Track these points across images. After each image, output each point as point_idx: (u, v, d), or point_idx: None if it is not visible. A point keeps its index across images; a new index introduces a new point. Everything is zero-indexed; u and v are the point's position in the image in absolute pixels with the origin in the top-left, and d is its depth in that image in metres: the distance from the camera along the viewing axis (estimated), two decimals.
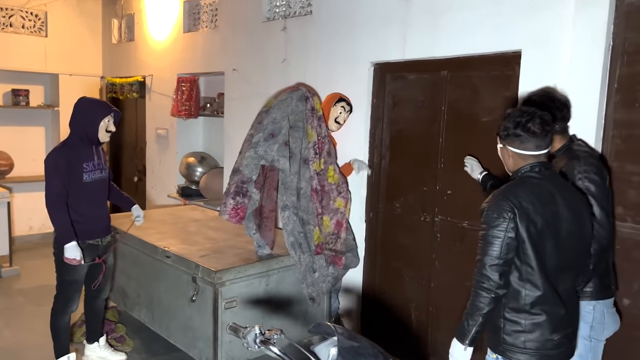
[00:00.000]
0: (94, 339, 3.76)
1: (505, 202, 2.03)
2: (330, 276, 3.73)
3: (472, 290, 2.11)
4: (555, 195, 2.10)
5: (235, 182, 3.55)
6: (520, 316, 2.08)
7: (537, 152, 2.12)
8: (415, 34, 3.59)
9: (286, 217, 3.55)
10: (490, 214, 2.06)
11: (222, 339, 3.32)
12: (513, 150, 2.15)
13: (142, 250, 3.96)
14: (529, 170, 2.12)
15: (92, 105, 3.42)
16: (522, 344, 2.08)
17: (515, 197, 2.04)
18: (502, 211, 2.03)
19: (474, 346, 2.13)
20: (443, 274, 3.69)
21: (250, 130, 3.74)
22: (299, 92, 3.70)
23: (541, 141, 2.11)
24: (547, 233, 2.05)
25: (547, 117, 2.13)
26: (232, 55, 5.19)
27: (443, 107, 3.61)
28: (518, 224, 2.01)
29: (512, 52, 3.12)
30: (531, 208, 2.03)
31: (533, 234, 2.03)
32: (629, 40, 2.69)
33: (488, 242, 2.05)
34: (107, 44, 7.34)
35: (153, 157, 6.66)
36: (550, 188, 2.10)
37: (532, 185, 2.09)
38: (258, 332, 1.73)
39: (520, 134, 2.10)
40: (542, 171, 2.12)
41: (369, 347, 1.63)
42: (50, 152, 3.35)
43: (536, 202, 2.05)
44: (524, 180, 2.12)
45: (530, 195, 2.06)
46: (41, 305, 4.70)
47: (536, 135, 2.09)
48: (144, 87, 6.64)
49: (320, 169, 3.72)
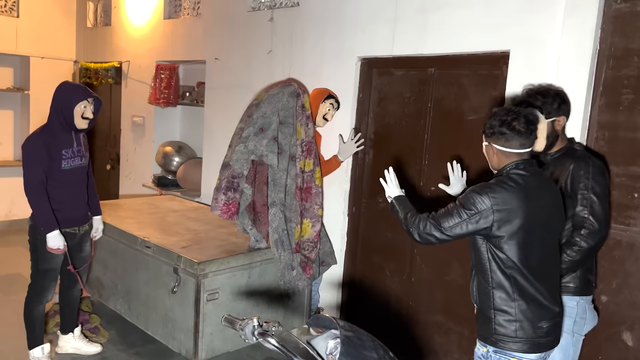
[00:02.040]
0: (69, 330, 3.67)
1: (487, 199, 2.11)
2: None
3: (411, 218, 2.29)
4: (540, 190, 2.19)
5: (226, 177, 3.51)
6: (509, 305, 2.15)
7: (521, 150, 2.19)
8: (405, 31, 3.60)
9: (272, 213, 3.53)
10: (470, 197, 2.14)
11: (204, 331, 3.29)
12: (498, 148, 2.22)
13: (120, 240, 3.87)
14: (514, 167, 2.19)
15: (69, 89, 3.30)
16: (513, 333, 2.15)
17: (500, 195, 2.11)
18: (480, 203, 2.11)
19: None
20: (424, 268, 3.73)
21: (239, 123, 3.70)
22: (291, 87, 3.67)
23: (525, 140, 2.17)
24: (531, 227, 2.12)
25: (531, 116, 2.20)
26: (215, 45, 5.11)
27: (429, 104, 3.64)
28: (493, 222, 2.10)
29: (501, 52, 3.17)
30: (516, 204, 2.10)
31: (515, 229, 2.10)
32: (615, 45, 2.77)
33: (449, 213, 2.17)
34: (82, 27, 7.12)
35: (128, 145, 6.51)
36: (534, 184, 2.18)
37: (518, 182, 2.15)
38: (256, 324, 1.72)
39: (505, 132, 2.17)
40: (526, 168, 2.19)
41: (369, 340, 1.64)
42: (29, 137, 3.23)
43: (522, 198, 2.12)
44: (509, 178, 2.17)
45: (517, 192, 2.12)
46: (9, 294, 4.56)
47: (521, 133, 2.16)
48: (120, 73, 6.48)
49: (310, 169, 3.71)
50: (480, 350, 2.27)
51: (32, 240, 3.32)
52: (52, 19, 6.97)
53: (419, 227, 2.23)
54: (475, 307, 2.35)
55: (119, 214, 4.32)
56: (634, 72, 2.73)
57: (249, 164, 3.51)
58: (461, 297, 3.51)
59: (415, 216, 2.28)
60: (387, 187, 2.60)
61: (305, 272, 3.80)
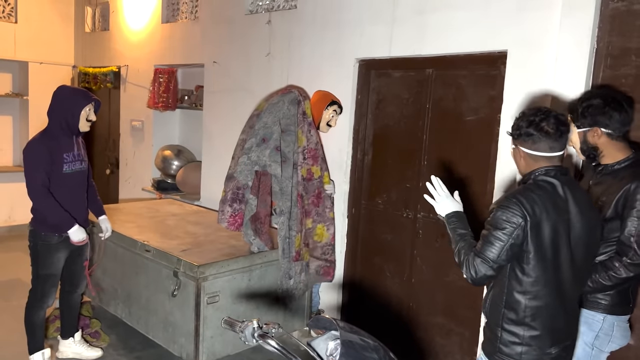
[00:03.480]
0: (69, 335, 3.66)
1: (518, 208, 1.92)
2: (302, 283, 3.73)
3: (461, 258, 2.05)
4: (569, 203, 1.99)
5: (231, 189, 3.53)
6: (518, 328, 2.02)
7: (550, 153, 2.00)
8: (402, 32, 3.61)
9: (281, 222, 3.54)
10: (500, 215, 1.95)
11: (204, 334, 3.28)
12: (525, 150, 2.04)
13: (119, 244, 3.87)
14: (544, 174, 2.01)
15: (72, 93, 3.32)
16: (518, 356, 2.03)
17: (529, 203, 1.93)
18: (513, 216, 1.92)
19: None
20: (424, 270, 3.73)
21: (241, 135, 3.71)
22: (291, 95, 3.68)
23: (555, 142, 1.99)
24: (558, 243, 1.96)
25: (562, 117, 2.02)
26: (213, 48, 5.11)
27: (427, 105, 3.65)
28: (528, 233, 1.92)
29: (498, 52, 3.17)
30: (544, 216, 1.93)
31: (542, 244, 1.94)
32: (612, 44, 2.77)
33: (489, 241, 1.96)
34: (80, 32, 7.13)
35: (127, 149, 6.51)
36: (565, 195, 1.99)
37: (547, 191, 1.97)
38: (256, 326, 1.71)
39: (533, 133, 2.00)
40: (557, 176, 2.01)
41: (370, 340, 1.63)
42: (30, 142, 3.24)
43: (550, 209, 1.94)
44: (539, 186, 1.99)
45: (545, 202, 1.95)
46: (9, 300, 4.55)
47: (549, 135, 1.98)
48: (118, 77, 6.49)
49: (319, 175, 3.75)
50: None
51: (33, 246, 3.31)
52: (51, 25, 6.98)
53: (470, 272, 1.99)
54: (485, 321, 2.22)
55: (119, 218, 4.31)
56: (632, 71, 2.73)
57: (253, 175, 3.53)
58: (462, 298, 3.51)
59: (467, 254, 2.02)
60: (435, 202, 2.23)
61: (329, 276, 3.87)
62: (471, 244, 2.06)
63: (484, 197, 3.31)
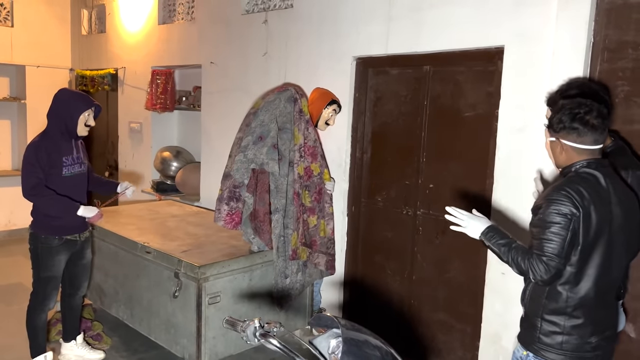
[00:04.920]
0: (71, 338, 3.66)
1: (569, 200, 1.91)
2: (298, 283, 3.74)
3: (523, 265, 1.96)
4: (611, 194, 1.99)
5: (228, 187, 3.52)
6: (559, 318, 2.01)
7: (595, 146, 2.00)
8: (399, 29, 3.61)
9: (275, 220, 3.54)
10: (552, 210, 1.92)
11: (206, 335, 3.28)
12: (568, 144, 2.02)
13: (120, 246, 3.87)
14: (585, 166, 2.00)
15: (72, 97, 3.32)
16: (558, 345, 2.02)
17: (578, 194, 1.92)
18: (566, 208, 1.91)
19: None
20: (424, 267, 3.73)
21: (238, 133, 3.71)
22: (287, 92, 3.68)
23: (599, 135, 1.99)
24: (602, 235, 1.96)
25: (604, 109, 2.01)
26: (210, 48, 5.11)
27: (425, 101, 3.65)
28: (580, 225, 1.91)
29: (495, 47, 3.17)
30: (592, 208, 1.92)
31: (588, 236, 1.93)
32: (609, 37, 2.77)
33: (547, 239, 1.93)
34: (77, 35, 7.13)
35: (126, 151, 6.51)
36: (607, 187, 1.98)
37: (591, 183, 1.96)
38: (258, 325, 1.71)
39: (578, 127, 1.98)
40: (599, 168, 2.00)
41: (372, 338, 1.63)
42: (30, 145, 3.23)
43: (596, 201, 1.93)
44: (582, 177, 1.97)
45: (591, 193, 1.93)
46: (11, 304, 4.55)
47: (595, 128, 1.97)
48: (116, 79, 6.48)
49: (318, 173, 3.76)
50: (520, 352, 2.14)
51: (33, 249, 3.31)
52: (47, 28, 6.97)
53: (540, 273, 1.92)
54: (523, 312, 2.19)
55: (119, 220, 4.31)
56: (629, 64, 2.73)
57: (250, 173, 3.52)
58: (463, 294, 3.51)
59: (528, 259, 1.96)
60: (463, 227, 2.17)
61: (331, 269, 3.89)
62: (524, 248, 2.01)
63: (483, 193, 3.31)
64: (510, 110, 3.10)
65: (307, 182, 3.74)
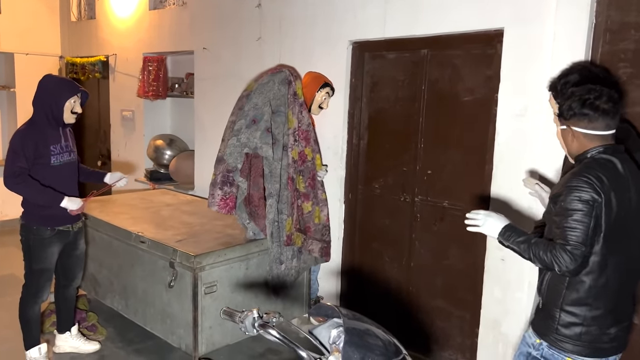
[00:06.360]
0: (66, 329, 3.61)
1: (590, 186, 1.86)
2: (294, 269, 3.69)
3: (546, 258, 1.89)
4: (629, 181, 1.95)
5: (221, 172, 3.46)
6: (580, 309, 1.96)
7: (607, 131, 1.95)
8: (396, 12, 3.53)
9: (269, 205, 3.48)
10: (573, 197, 1.87)
11: (203, 325, 3.24)
12: (580, 130, 1.97)
13: (114, 236, 3.81)
14: (602, 152, 1.96)
15: (57, 84, 3.22)
16: (577, 337, 1.97)
17: (598, 180, 1.87)
18: (587, 194, 1.86)
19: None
20: (423, 254, 3.70)
21: (231, 116, 3.63)
22: (281, 74, 3.60)
23: (611, 120, 1.95)
24: (623, 221, 1.92)
25: (614, 94, 1.96)
26: (203, 34, 5.01)
27: (423, 86, 3.58)
28: (603, 211, 1.86)
29: (494, 30, 3.11)
30: (612, 194, 1.88)
31: (609, 222, 1.89)
32: (611, 18, 2.71)
33: (571, 227, 1.87)
34: (66, 21, 6.99)
35: (118, 140, 6.42)
36: (625, 173, 1.95)
37: (609, 169, 1.91)
38: (256, 316, 1.67)
39: (588, 112, 1.94)
40: (615, 154, 1.96)
41: (373, 327, 1.60)
42: (17, 133, 3.15)
43: (616, 187, 1.89)
44: (600, 163, 1.93)
45: (610, 179, 1.89)
46: (3, 295, 4.49)
47: (606, 113, 1.93)
48: (107, 67, 6.37)
49: (311, 158, 3.70)
50: (532, 339, 2.10)
51: (25, 240, 3.25)
52: (35, 14, 6.83)
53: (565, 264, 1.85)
54: (540, 301, 2.14)
55: (112, 209, 4.25)
56: (631, 45, 2.68)
57: (243, 157, 3.45)
58: (461, 281, 3.48)
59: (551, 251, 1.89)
60: (481, 227, 2.10)
61: (328, 257, 3.86)
62: (544, 241, 1.94)
63: (482, 178, 3.27)
64: (510, 94, 3.05)
65: (301, 167, 3.68)
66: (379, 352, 1.51)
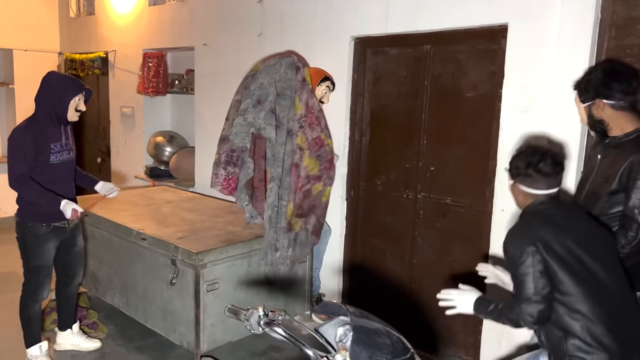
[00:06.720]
0: (67, 326, 3.59)
1: (524, 239, 2.00)
2: (289, 259, 3.63)
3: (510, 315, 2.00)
4: (569, 222, 2.07)
5: (225, 152, 3.40)
6: (587, 355, 1.93)
7: (548, 191, 2.09)
8: (398, 8, 3.50)
9: (270, 188, 3.44)
10: (514, 252, 2.01)
11: (204, 322, 3.22)
12: (523, 188, 2.12)
13: (114, 233, 3.78)
14: (540, 203, 2.10)
15: (62, 81, 3.18)
16: None
17: (531, 230, 2.01)
18: (523, 247, 1.98)
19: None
20: (425, 251, 3.68)
21: (236, 95, 3.58)
22: (289, 59, 3.55)
23: (552, 181, 2.09)
24: (577, 255, 1.98)
25: (558, 157, 2.11)
26: (203, 30, 4.98)
27: (426, 82, 3.56)
28: (544, 257, 1.95)
29: (499, 25, 3.09)
30: (551, 238, 1.98)
31: (562, 260, 1.96)
32: (617, 13, 2.69)
33: (520, 281, 1.98)
34: (65, 17, 6.94)
35: (118, 136, 6.38)
36: (563, 216, 2.08)
37: (545, 216, 2.06)
38: (262, 314, 1.65)
39: (532, 174, 2.08)
40: (552, 202, 2.10)
41: (381, 326, 1.58)
42: (16, 130, 3.11)
43: (553, 231, 2.00)
44: (536, 213, 2.09)
45: (546, 226, 2.02)
46: (4, 292, 4.47)
47: (547, 175, 2.07)
48: (106, 63, 6.33)
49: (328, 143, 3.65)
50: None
51: (21, 238, 3.21)
52: (34, 10, 6.78)
53: (525, 318, 1.96)
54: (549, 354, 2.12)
55: (113, 206, 4.21)
56: (637, 40, 2.66)
57: (250, 137, 3.38)
58: (465, 278, 3.45)
59: (511, 308, 2.00)
60: (456, 308, 2.24)
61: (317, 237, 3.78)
62: (508, 302, 2.04)
63: (485, 175, 3.25)
64: (515, 90, 3.03)
65: (319, 152, 3.61)
66: (387, 350, 1.49)
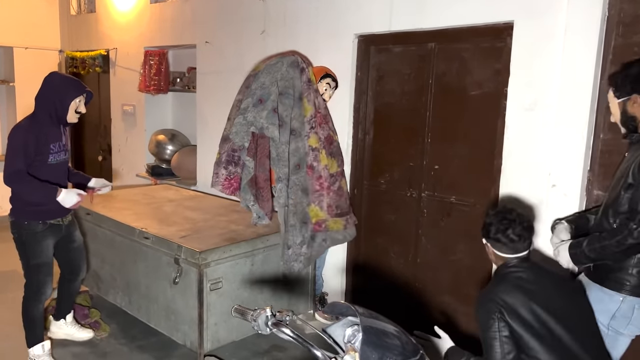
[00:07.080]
0: (62, 316, 3.59)
1: (490, 304, 2.09)
2: (302, 256, 3.62)
3: None
4: (538, 284, 2.15)
5: (226, 151, 3.39)
6: None
7: (515, 255, 2.20)
8: (402, 4, 3.48)
9: (279, 189, 3.42)
10: (481, 317, 2.11)
11: (208, 322, 3.20)
12: (494, 251, 2.27)
13: (117, 232, 3.76)
14: (511, 266, 2.22)
15: (63, 82, 3.16)
16: None
17: (498, 295, 2.10)
18: (489, 312, 2.08)
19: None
20: (429, 249, 3.66)
21: (237, 95, 3.57)
22: (291, 58, 3.54)
23: (520, 245, 2.20)
24: (543, 320, 2.06)
25: (526, 223, 2.21)
26: (205, 27, 4.95)
27: (430, 80, 3.54)
28: (509, 322, 2.04)
29: (504, 23, 3.06)
30: (517, 303, 2.07)
31: (528, 325, 2.04)
32: (625, 11, 2.67)
33: (488, 344, 2.09)
34: (65, 15, 6.92)
35: (119, 135, 6.36)
36: (533, 277, 2.17)
37: (513, 279, 2.16)
38: (269, 314, 1.63)
39: (500, 239, 2.20)
40: (522, 264, 2.21)
41: (391, 326, 1.56)
42: (17, 128, 3.09)
43: (520, 295, 2.09)
44: (505, 277, 2.19)
45: (513, 290, 2.11)
46: (5, 292, 4.45)
47: (514, 242, 2.18)
48: (107, 61, 6.31)
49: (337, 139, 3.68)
50: None
51: (18, 237, 3.21)
52: (35, 8, 6.75)
53: None
54: None
55: (114, 205, 4.20)
56: None
57: (249, 136, 3.37)
58: (468, 277, 3.45)
59: None
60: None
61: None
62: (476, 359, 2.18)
63: (490, 173, 3.23)
64: (520, 88, 3.01)
65: (331, 149, 3.62)
66: (397, 351, 1.47)
